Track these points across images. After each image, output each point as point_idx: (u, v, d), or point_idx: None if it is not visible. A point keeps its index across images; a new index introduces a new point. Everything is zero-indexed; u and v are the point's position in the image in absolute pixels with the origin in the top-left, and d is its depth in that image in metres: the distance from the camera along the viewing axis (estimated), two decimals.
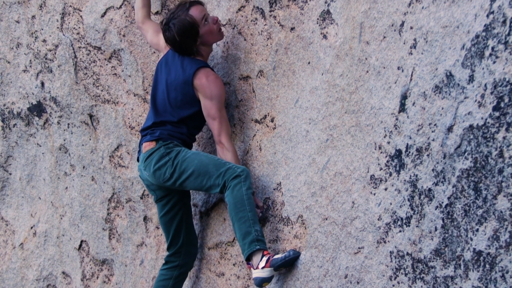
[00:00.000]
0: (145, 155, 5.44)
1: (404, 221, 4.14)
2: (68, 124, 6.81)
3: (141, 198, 6.36)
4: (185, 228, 5.66)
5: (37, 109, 7.01)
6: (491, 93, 3.52)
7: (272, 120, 5.41)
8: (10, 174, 7.44)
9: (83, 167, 6.78)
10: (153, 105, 5.55)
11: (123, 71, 6.38)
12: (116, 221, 6.61)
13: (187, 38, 5.41)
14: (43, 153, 7.11)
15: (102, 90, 6.54)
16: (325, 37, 4.93)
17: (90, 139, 6.70)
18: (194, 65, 5.44)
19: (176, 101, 5.45)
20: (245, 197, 5.12)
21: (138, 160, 5.62)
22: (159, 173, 5.36)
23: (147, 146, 5.45)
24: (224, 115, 5.44)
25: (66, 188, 6.95)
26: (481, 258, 3.64)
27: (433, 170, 3.91)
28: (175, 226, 5.61)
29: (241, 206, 5.11)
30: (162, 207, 5.61)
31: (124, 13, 6.24)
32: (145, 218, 6.37)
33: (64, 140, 6.87)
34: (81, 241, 6.88)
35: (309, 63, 5.08)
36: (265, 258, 4.98)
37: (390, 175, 4.25)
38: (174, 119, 5.45)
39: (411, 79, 4.08)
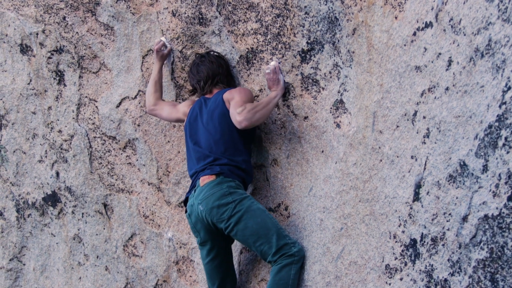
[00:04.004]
0: (203, 188, 5.27)
1: None
2: (83, 213, 6.82)
3: None
4: (231, 275, 5.55)
5: (52, 199, 7.02)
6: (506, 183, 3.50)
7: (286, 209, 5.40)
8: (24, 264, 7.42)
9: (97, 256, 6.75)
10: (197, 151, 5.45)
11: (137, 160, 6.41)
12: None
13: (222, 67, 5.69)
14: (57, 243, 7.10)
15: (116, 180, 6.56)
16: (338, 126, 4.95)
17: (104, 229, 6.70)
18: (221, 93, 5.52)
19: (216, 131, 5.39)
20: (290, 282, 5.04)
21: (185, 203, 5.50)
22: (216, 211, 5.18)
23: (206, 179, 5.29)
24: (250, 104, 5.32)
25: (80, 278, 6.91)
26: None
27: (448, 260, 3.87)
28: (222, 275, 5.49)
29: None
30: (207, 253, 5.44)
31: (139, 103, 6.31)
32: None
33: (78, 229, 6.86)
34: None
35: (322, 151, 5.09)
36: None
37: (405, 264, 4.21)
38: (222, 150, 5.35)
39: (424, 168, 4.07)
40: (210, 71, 5.65)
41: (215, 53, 5.75)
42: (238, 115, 5.19)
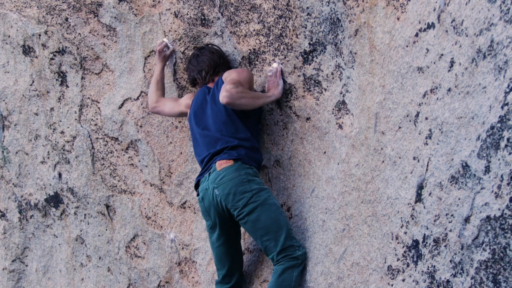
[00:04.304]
0: (220, 172, 5.22)
1: None
2: (85, 214, 6.82)
3: None
4: (239, 257, 5.54)
5: (54, 200, 7.03)
6: (508, 184, 3.50)
7: (288, 210, 5.40)
8: (27, 265, 7.42)
9: (99, 258, 6.76)
10: (206, 135, 5.42)
11: (139, 161, 6.41)
12: None
13: (222, 58, 5.69)
14: (59, 244, 7.10)
15: (119, 181, 6.56)
16: (340, 127, 4.95)
17: (106, 230, 6.70)
18: (220, 78, 5.51)
19: (222, 113, 5.37)
20: (293, 284, 5.05)
21: (196, 187, 5.47)
22: (232, 197, 5.15)
23: (224, 163, 5.23)
24: (244, 87, 5.28)
25: (82, 279, 6.91)
26: None
27: (451, 261, 3.86)
28: (231, 257, 5.48)
29: None
30: (218, 238, 5.42)
31: (142, 104, 6.31)
32: None
33: (81, 230, 6.86)
34: None
35: (325, 152, 5.09)
36: None
37: (408, 266, 4.21)
38: (233, 131, 5.33)
39: (427, 169, 4.07)
40: (212, 61, 5.64)
41: (214, 46, 5.75)
42: (226, 91, 5.16)
